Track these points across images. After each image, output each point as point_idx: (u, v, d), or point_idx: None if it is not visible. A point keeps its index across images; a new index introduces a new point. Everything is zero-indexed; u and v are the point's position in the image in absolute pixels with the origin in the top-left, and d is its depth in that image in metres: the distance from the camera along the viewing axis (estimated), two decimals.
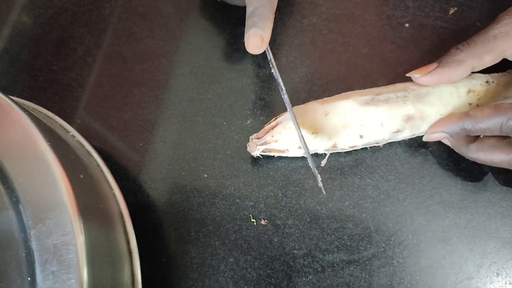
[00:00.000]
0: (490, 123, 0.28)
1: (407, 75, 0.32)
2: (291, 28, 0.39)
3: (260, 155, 0.33)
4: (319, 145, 0.32)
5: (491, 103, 0.32)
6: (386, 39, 0.38)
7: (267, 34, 0.31)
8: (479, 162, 0.31)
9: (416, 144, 0.34)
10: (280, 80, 0.31)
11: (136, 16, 0.40)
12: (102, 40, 0.40)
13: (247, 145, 0.33)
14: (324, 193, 0.32)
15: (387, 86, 0.32)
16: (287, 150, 0.33)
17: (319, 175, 0.30)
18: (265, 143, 0.32)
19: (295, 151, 0.33)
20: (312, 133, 0.31)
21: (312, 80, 0.37)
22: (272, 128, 0.32)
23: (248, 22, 0.31)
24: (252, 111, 0.36)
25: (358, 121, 0.31)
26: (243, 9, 0.37)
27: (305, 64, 0.37)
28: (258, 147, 0.32)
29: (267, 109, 0.36)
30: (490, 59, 0.30)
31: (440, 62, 0.31)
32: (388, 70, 0.37)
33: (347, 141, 0.32)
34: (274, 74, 0.31)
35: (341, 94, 0.33)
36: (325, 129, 0.31)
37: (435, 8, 0.39)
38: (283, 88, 0.30)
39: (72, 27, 0.40)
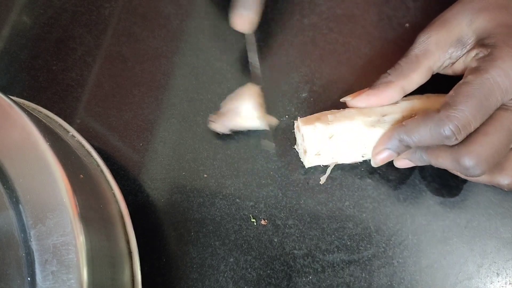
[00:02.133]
0: (421, 131, 0.27)
1: (341, 100, 0.32)
2: (292, 28, 0.39)
3: (232, 131, 0.34)
4: (321, 161, 0.32)
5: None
6: (387, 39, 0.38)
7: (255, 15, 0.30)
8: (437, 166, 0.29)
9: None
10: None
11: (136, 16, 0.40)
12: (102, 40, 0.40)
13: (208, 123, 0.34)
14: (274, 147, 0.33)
15: (393, 104, 0.31)
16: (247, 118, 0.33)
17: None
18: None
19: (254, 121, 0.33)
20: (316, 154, 0.31)
21: (313, 79, 0.37)
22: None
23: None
24: None
25: (362, 143, 0.31)
26: None
27: (305, 64, 0.37)
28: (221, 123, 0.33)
29: (267, 109, 0.36)
30: (419, 77, 0.30)
31: (371, 86, 0.31)
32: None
33: (349, 160, 0.32)
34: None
35: (345, 110, 0.31)
36: (329, 150, 0.31)
37: (436, 9, 0.39)
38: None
39: (72, 27, 0.40)
